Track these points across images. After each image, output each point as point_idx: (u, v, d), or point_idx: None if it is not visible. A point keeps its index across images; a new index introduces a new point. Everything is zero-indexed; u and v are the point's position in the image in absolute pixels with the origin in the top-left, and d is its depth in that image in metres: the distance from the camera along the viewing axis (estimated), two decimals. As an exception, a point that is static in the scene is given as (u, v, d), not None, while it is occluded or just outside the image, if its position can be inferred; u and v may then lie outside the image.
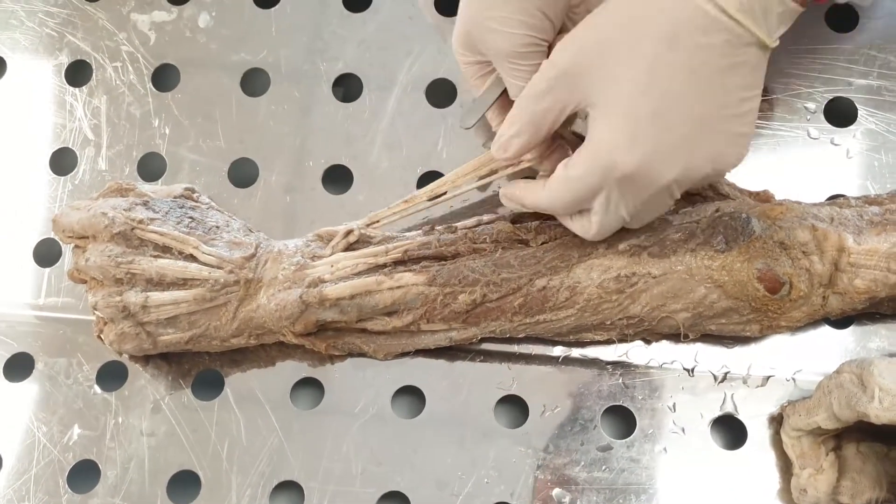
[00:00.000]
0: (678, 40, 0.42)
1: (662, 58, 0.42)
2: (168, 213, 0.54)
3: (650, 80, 0.43)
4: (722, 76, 0.43)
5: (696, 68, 0.42)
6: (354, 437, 0.56)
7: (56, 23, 0.67)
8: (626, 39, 0.43)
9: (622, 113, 0.44)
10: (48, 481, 0.57)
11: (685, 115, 0.43)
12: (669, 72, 0.43)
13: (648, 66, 0.43)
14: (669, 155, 0.44)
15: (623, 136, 0.44)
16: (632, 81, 0.43)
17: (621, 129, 0.44)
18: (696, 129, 0.44)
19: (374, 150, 0.62)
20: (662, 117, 0.43)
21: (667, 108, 0.43)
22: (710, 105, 0.44)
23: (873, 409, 0.44)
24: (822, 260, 0.51)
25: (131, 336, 0.53)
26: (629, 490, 0.53)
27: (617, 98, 0.44)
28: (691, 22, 0.42)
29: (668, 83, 0.43)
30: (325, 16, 0.65)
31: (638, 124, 0.44)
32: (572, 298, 0.52)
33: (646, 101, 0.43)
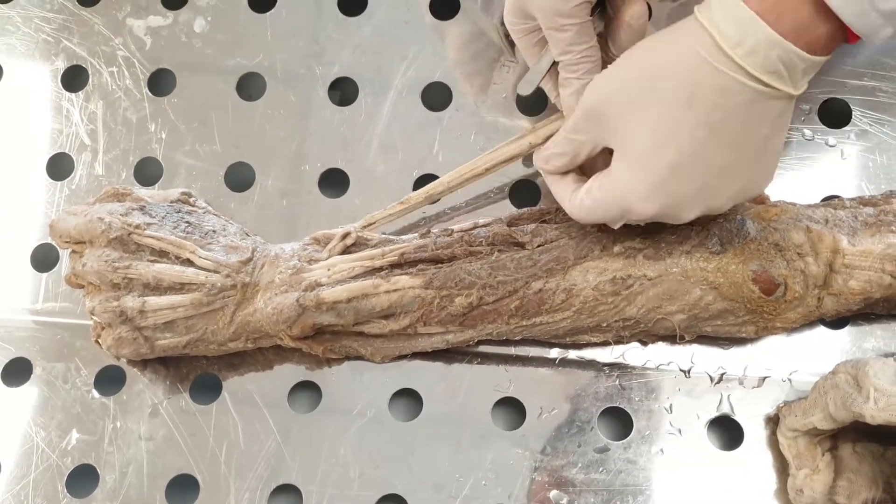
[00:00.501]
0: (696, 99, 0.43)
1: (681, 114, 0.43)
2: (165, 217, 0.54)
3: (669, 135, 0.44)
4: (743, 129, 0.44)
5: (716, 125, 0.43)
6: (352, 439, 0.56)
7: (52, 28, 0.67)
8: (646, 91, 0.44)
9: (641, 163, 0.45)
10: (47, 486, 0.57)
11: (705, 167, 0.44)
12: (690, 128, 0.43)
13: (667, 120, 0.44)
14: (689, 202, 0.46)
15: (642, 186, 0.45)
16: (651, 133, 0.44)
17: (640, 179, 0.45)
18: (716, 178, 0.45)
19: (370, 154, 0.62)
20: (681, 170, 0.44)
21: (686, 161, 0.44)
22: (731, 155, 0.44)
23: (869, 410, 0.44)
24: (816, 261, 0.51)
25: (129, 340, 0.53)
26: (626, 491, 0.54)
27: (637, 147, 0.45)
28: (710, 82, 0.42)
29: (686, 138, 0.44)
30: (321, 20, 0.65)
31: (656, 176, 0.45)
32: (568, 301, 0.53)
33: (664, 153, 0.44)
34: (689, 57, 0.43)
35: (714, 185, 0.45)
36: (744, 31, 0.41)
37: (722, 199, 0.46)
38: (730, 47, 0.42)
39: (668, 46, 0.44)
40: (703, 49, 0.42)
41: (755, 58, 0.41)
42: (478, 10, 0.63)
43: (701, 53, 0.42)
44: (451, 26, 0.64)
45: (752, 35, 0.41)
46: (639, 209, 0.46)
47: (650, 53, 0.45)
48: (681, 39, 0.44)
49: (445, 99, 0.62)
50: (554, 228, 0.55)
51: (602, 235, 0.53)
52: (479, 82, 0.63)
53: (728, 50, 0.42)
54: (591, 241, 0.53)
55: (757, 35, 0.41)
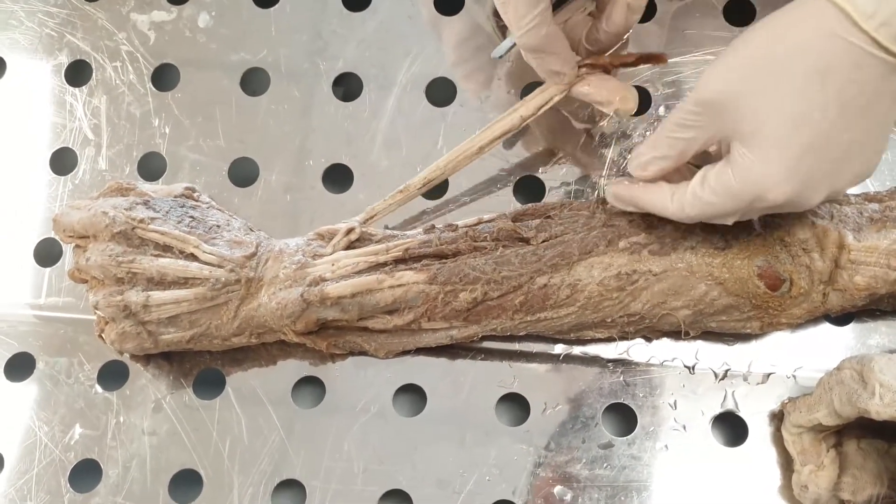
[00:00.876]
0: (830, 76, 0.42)
1: (814, 93, 0.42)
2: (169, 212, 0.54)
3: (803, 115, 0.43)
4: (871, 104, 0.43)
5: (847, 101, 0.43)
6: (356, 435, 0.56)
7: (56, 23, 0.67)
8: (774, 74, 0.43)
9: (776, 146, 0.44)
10: (50, 481, 0.57)
11: (836, 145, 0.44)
12: (822, 106, 0.43)
13: (800, 101, 0.43)
14: (819, 183, 0.45)
15: (778, 170, 0.44)
16: (784, 116, 0.43)
17: (776, 162, 0.44)
18: (844, 156, 0.44)
19: (374, 149, 0.62)
20: (815, 150, 0.43)
21: (819, 141, 0.43)
22: (858, 132, 0.44)
23: (874, 406, 0.44)
24: (822, 257, 0.51)
25: (132, 335, 0.53)
26: (630, 487, 0.54)
27: (770, 132, 0.44)
28: (843, 58, 0.42)
29: (820, 117, 0.43)
30: (325, 15, 0.65)
31: (792, 158, 0.44)
32: (573, 296, 0.53)
33: (799, 135, 0.43)
34: (820, 33, 0.42)
35: (841, 164, 0.45)
36: (878, 2, 0.40)
37: (846, 180, 0.46)
38: (862, 20, 0.40)
39: (793, 25, 0.43)
40: (835, 22, 0.41)
41: (889, 28, 0.40)
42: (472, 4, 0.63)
43: (832, 28, 0.41)
44: (449, 24, 0.64)
45: (886, 6, 0.40)
46: (773, 195, 0.45)
47: (774, 34, 0.43)
48: (806, 16, 0.42)
49: (449, 94, 0.62)
50: (558, 224, 0.55)
51: (608, 231, 0.53)
52: (481, 79, 0.63)
53: (861, 22, 0.41)
54: (596, 237, 0.53)
55: (891, 6, 0.40)
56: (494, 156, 0.60)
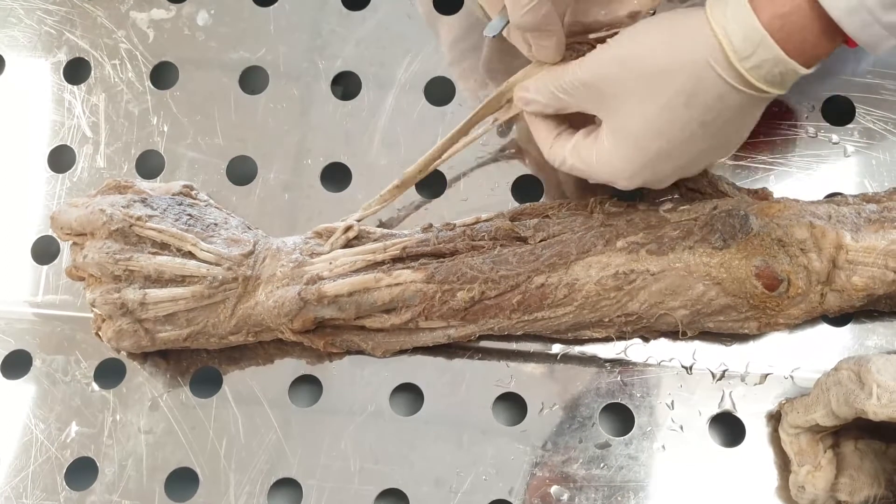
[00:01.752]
0: (695, 99, 0.45)
1: (677, 111, 0.46)
2: (166, 210, 0.54)
3: (662, 126, 0.46)
4: (731, 124, 0.47)
5: (706, 122, 0.46)
6: (353, 434, 0.56)
7: (54, 20, 0.67)
8: (649, 85, 0.46)
9: (633, 146, 0.48)
10: (46, 478, 0.56)
11: (689, 152, 0.48)
12: (681, 123, 0.46)
13: (663, 114, 0.46)
14: (666, 177, 0.50)
15: (630, 166, 0.48)
16: (647, 122, 0.47)
17: (629, 159, 0.48)
18: (696, 158, 0.49)
19: (372, 148, 0.62)
20: (668, 155, 0.48)
21: (673, 148, 0.47)
22: (714, 142, 0.48)
23: (871, 406, 0.44)
24: (819, 257, 0.51)
25: (129, 333, 0.53)
26: (627, 487, 0.53)
27: (631, 131, 0.47)
28: (710, 88, 0.45)
29: (678, 131, 0.47)
30: (324, 14, 0.65)
31: (645, 159, 0.48)
32: (571, 296, 0.52)
33: (655, 141, 0.47)
34: (695, 60, 0.45)
35: (693, 163, 0.49)
36: (754, 47, 0.43)
37: (695, 171, 0.51)
38: (737, 59, 0.43)
39: (675, 41, 0.46)
40: (710, 55, 0.44)
41: (759, 70, 0.44)
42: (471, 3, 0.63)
43: (707, 59, 0.44)
44: (446, 23, 0.64)
45: (762, 52, 0.43)
46: (622, 183, 0.50)
47: (657, 45, 0.46)
48: (690, 38, 0.45)
49: (448, 93, 0.62)
50: (556, 223, 0.55)
51: (606, 231, 0.53)
52: (478, 77, 0.63)
53: (735, 62, 0.44)
54: (594, 236, 0.53)
55: (766, 53, 0.43)
56: (493, 155, 0.60)
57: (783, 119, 0.59)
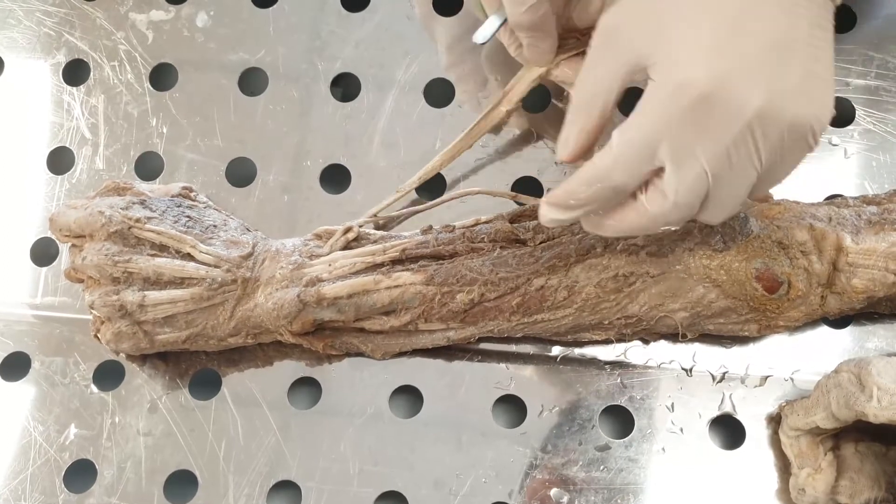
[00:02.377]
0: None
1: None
2: (165, 211, 0.54)
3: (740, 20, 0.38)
4: (798, 6, 0.39)
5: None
6: (352, 436, 0.56)
7: (54, 22, 0.67)
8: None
9: (695, 23, 0.38)
10: (44, 481, 0.56)
11: (767, 27, 0.38)
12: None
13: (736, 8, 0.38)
14: (752, 71, 0.38)
15: (699, 49, 0.38)
16: (720, 25, 0.38)
17: (695, 40, 0.38)
18: (777, 49, 0.38)
19: (372, 150, 0.62)
20: (743, 26, 0.38)
21: (748, 16, 0.38)
22: (790, 28, 0.39)
23: (871, 409, 0.44)
24: (820, 259, 0.51)
25: (128, 335, 0.53)
26: (627, 490, 0.53)
27: (689, 7, 0.39)
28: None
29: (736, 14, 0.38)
30: (324, 15, 0.65)
31: (716, 32, 0.38)
32: (570, 298, 0.52)
33: (724, 7, 0.38)
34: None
35: (776, 58, 0.39)
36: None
37: (786, 86, 0.39)
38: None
39: None
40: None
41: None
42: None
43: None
44: (443, 26, 0.64)
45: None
46: (694, 78, 0.38)
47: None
48: None
49: (448, 95, 0.62)
50: (556, 225, 0.54)
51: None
52: (477, 80, 0.63)
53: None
54: (594, 238, 0.53)
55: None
56: (492, 157, 0.60)
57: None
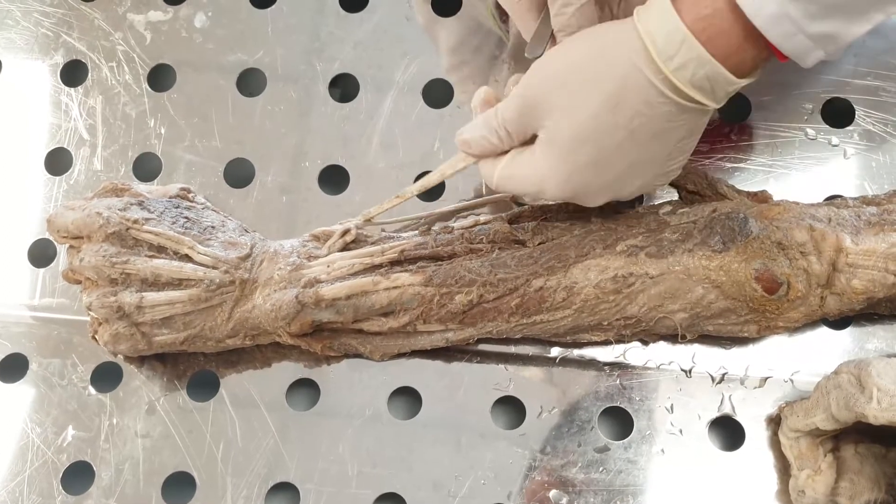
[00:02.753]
0: (623, 104, 0.45)
1: (606, 117, 0.45)
2: (163, 213, 0.54)
3: (590, 133, 0.46)
4: (660, 134, 0.46)
5: (635, 129, 0.45)
6: (350, 438, 0.56)
7: (52, 23, 0.67)
8: (576, 91, 0.46)
9: (561, 154, 0.47)
10: (42, 483, 0.56)
11: (619, 163, 0.47)
12: (610, 129, 0.45)
13: (591, 120, 0.45)
14: (599, 192, 0.49)
15: (559, 174, 0.48)
16: (575, 130, 0.46)
17: (559, 167, 0.47)
18: (627, 172, 0.48)
19: (370, 151, 0.62)
20: (597, 165, 0.47)
21: (602, 158, 0.47)
22: (645, 155, 0.47)
23: (871, 410, 0.44)
24: (819, 260, 0.51)
25: (126, 336, 0.53)
26: (627, 491, 0.53)
27: (560, 141, 0.47)
28: (637, 92, 0.44)
29: (607, 139, 0.46)
30: (322, 16, 0.65)
31: (574, 167, 0.47)
32: (569, 299, 0.52)
33: (584, 149, 0.46)
34: (621, 63, 0.44)
35: (624, 178, 0.48)
36: (676, 47, 0.42)
37: (629, 191, 0.49)
38: (662, 60, 0.43)
39: (603, 48, 0.45)
40: (636, 57, 0.44)
41: (684, 72, 0.43)
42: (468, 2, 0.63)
43: (633, 61, 0.44)
44: (443, 28, 0.64)
45: (685, 52, 0.42)
46: (552, 192, 0.49)
47: (586, 52, 0.46)
48: (617, 43, 0.45)
49: (447, 96, 0.62)
50: (555, 226, 0.54)
51: (605, 234, 0.53)
52: (477, 82, 0.62)
53: (660, 62, 0.43)
54: (593, 239, 0.53)
55: (689, 52, 0.42)
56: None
57: (782, 121, 0.59)
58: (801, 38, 0.42)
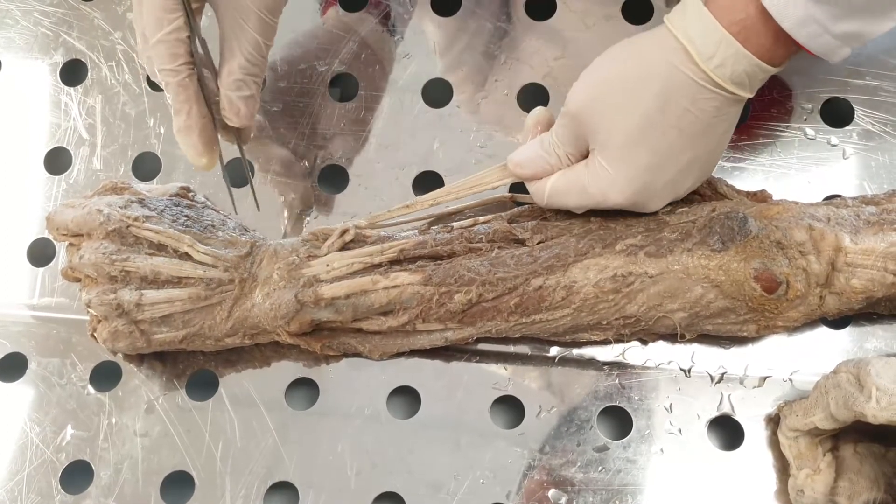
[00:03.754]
0: (669, 104, 0.47)
1: (656, 118, 0.48)
2: (163, 211, 0.54)
3: (643, 137, 0.48)
4: (707, 129, 0.49)
5: (684, 127, 0.48)
6: (349, 437, 0.56)
7: (51, 22, 0.67)
8: (624, 96, 0.48)
9: (620, 160, 0.49)
10: (41, 482, 0.56)
11: (674, 163, 0.50)
12: (661, 129, 0.48)
13: (643, 123, 0.48)
14: (658, 192, 0.51)
15: (620, 181, 0.50)
16: (628, 134, 0.48)
17: (619, 173, 0.49)
18: (683, 172, 0.50)
19: (369, 150, 0.62)
20: (653, 167, 0.49)
21: (658, 159, 0.49)
22: (696, 151, 0.50)
23: (870, 409, 0.44)
24: (818, 260, 0.51)
25: (125, 334, 0.53)
26: (626, 491, 0.53)
27: (616, 147, 0.49)
28: (682, 90, 0.47)
29: (660, 139, 0.48)
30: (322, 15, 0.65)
31: (633, 172, 0.49)
32: (568, 298, 0.52)
33: (640, 152, 0.49)
34: (664, 66, 0.47)
35: (680, 177, 0.51)
36: (715, 47, 0.46)
37: (684, 188, 0.52)
38: (702, 60, 0.46)
39: (643, 52, 0.48)
40: (675, 58, 0.47)
41: (724, 70, 0.46)
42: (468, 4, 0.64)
43: (675, 64, 0.47)
44: (441, 28, 0.64)
45: (724, 50, 0.46)
46: (614, 200, 0.50)
47: (626, 61, 0.49)
48: (655, 49, 0.48)
49: (446, 95, 0.62)
50: (554, 226, 0.54)
51: (604, 234, 0.53)
52: (477, 81, 0.63)
53: (701, 63, 0.46)
54: (593, 239, 0.53)
55: (728, 51, 0.46)
56: (491, 157, 0.60)
57: (782, 121, 0.59)
58: (827, 38, 0.45)
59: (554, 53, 0.62)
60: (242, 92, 0.52)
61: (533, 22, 0.63)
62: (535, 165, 0.52)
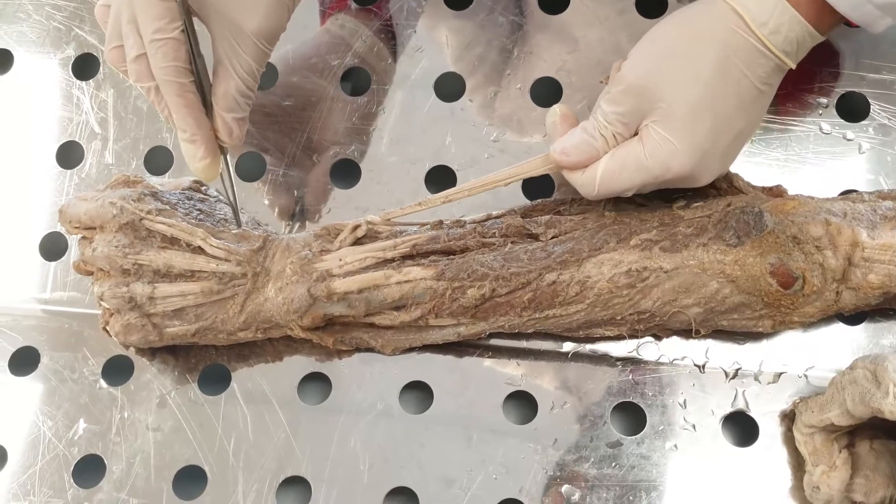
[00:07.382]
0: (730, 70, 0.48)
1: (717, 86, 0.48)
2: (177, 204, 0.54)
3: (707, 104, 0.49)
4: (758, 97, 0.50)
5: (742, 93, 0.49)
6: (362, 432, 0.55)
7: (63, 16, 0.67)
8: (686, 63, 0.49)
9: (684, 126, 0.49)
10: (53, 476, 0.56)
11: (730, 131, 0.50)
12: (722, 96, 0.49)
13: (706, 91, 0.48)
14: (714, 163, 0.51)
15: (684, 148, 0.49)
16: (693, 103, 0.49)
17: (683, 140, 0.49)
18: (735, 141, 0.51)
19: (382, 145, 0.61)
20: (715, 135, 0.49)
21: (718, 126, 0.49)
22: (749, 119, 0.50)
23: (887, 405, 0.44)
24: (835, 255, 0.51)
25: (137, 327, 0.53)
26: (639, 487, 0.53)
27: (680, 113, 0.49)
28: (741, 52, 0.48)
29: (721, 106, 0.49)
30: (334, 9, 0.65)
31: (696, 140, 0.49)
32: (582, 293, 0.52)
33: (703, 119, 0.49)
34: (724, 32, 0.48)
35: (732, 147, 0.51)
36: (769, 13, 0.47)
37: (731, 160, 0.52)
38: (757, 26, 0.47)
39: (701, 23, 0.49)
40: (733, 23, 0.48)
41: (777, 36, 0.47)
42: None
43: (731, 27, 0.48)
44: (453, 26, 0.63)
45: (779, 17, 0.47)
46: (678, 169, 0.49)
47: (685, 30, 0.50)
48: (711, 17, 0.49)
49: (459, 90, 0.62)
50: (568, 220, 0.54)
51: (619, 228, 0.53)
52: (490, 75, 0.62)
53: (755, 28, 0.47)
54: (607, 234, 0.52)
55: (782, 16, 0.47)
56: (503, 152, 0.60)
57: (797, 116, 0.59)
58: (869, 8, 0.47)
59: (567, 47, 0.62)
60: (236, 114, 0.52)
61: (546, 16, 0.63)
62: (580, 151, 0.51)
